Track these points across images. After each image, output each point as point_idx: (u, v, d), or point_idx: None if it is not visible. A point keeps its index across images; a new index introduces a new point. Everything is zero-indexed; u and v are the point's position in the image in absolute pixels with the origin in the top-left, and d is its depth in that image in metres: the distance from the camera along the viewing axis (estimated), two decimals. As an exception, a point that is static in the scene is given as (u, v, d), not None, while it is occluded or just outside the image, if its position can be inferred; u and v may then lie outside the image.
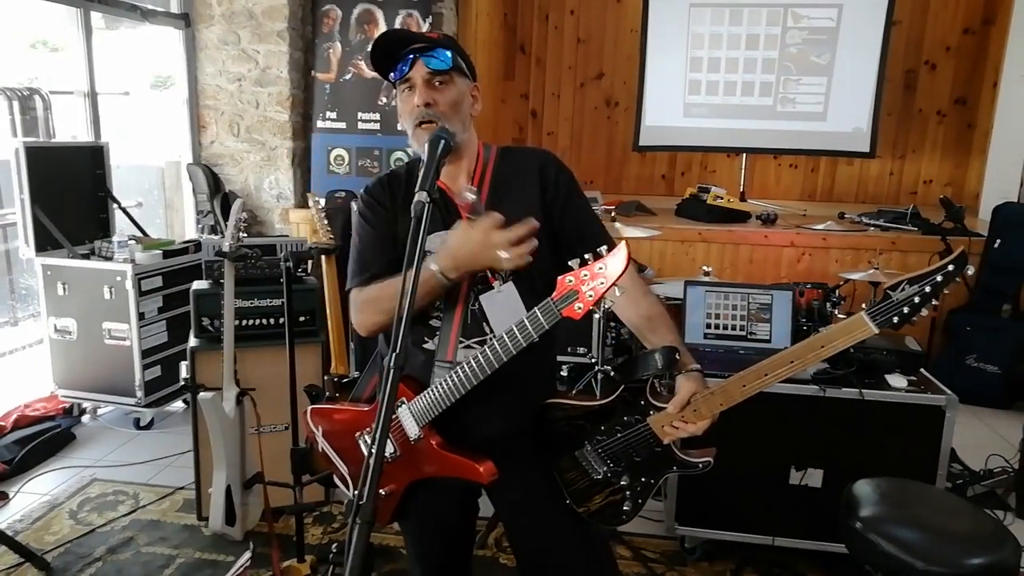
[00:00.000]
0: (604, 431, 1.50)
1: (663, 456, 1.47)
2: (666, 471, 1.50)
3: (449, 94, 1.49)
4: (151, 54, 4.89)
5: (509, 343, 1.35)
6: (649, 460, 1.49)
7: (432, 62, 1.47)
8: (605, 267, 1.24)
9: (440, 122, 1.46)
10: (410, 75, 1.48)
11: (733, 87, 5.25)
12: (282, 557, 2.51)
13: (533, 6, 5.95)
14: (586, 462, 1.53)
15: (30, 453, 3.32)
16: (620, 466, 1.51)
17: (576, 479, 1.55)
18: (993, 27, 5.30)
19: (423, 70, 1.48)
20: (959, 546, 1.75)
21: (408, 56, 1.48)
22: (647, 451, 1.47)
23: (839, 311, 3.17)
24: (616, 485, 1.52)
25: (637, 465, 1.50)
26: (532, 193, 1.55)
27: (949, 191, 5.29)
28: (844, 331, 1.29)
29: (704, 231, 4.57)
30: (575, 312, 1.27)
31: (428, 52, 1.48)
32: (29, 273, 4.06)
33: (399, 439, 1.49)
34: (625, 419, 1.48)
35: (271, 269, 2.87)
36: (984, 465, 3.21)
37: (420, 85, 1.48)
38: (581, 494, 1.56)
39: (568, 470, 1.55)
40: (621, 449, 1.49)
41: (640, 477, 1.51)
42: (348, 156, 4.70)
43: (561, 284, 1.27)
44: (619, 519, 1.54)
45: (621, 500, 1.52)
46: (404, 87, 1.51)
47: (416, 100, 1.47)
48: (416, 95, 1.48)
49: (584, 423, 1.52)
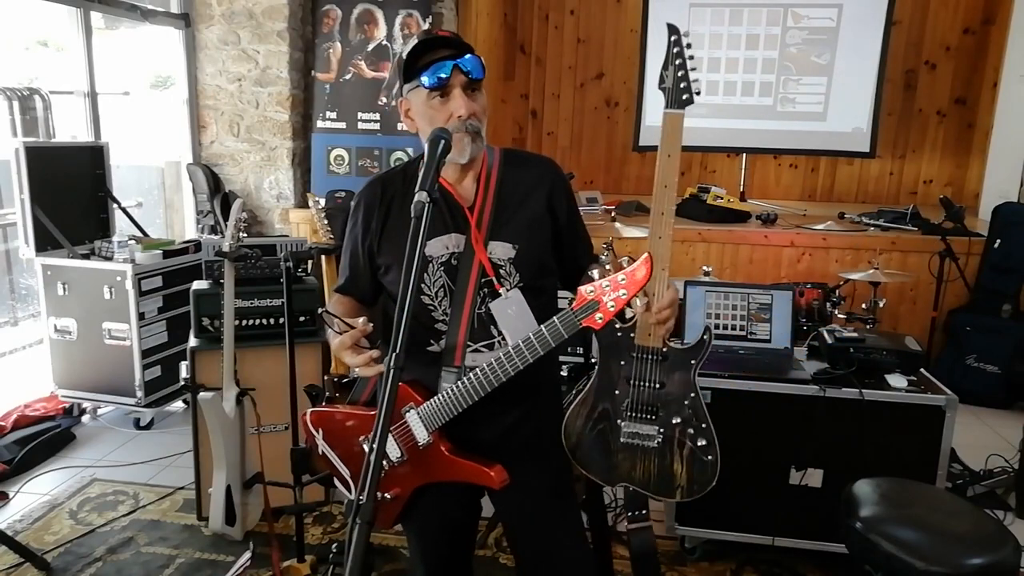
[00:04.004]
0: (619, 397, 1.48)
1: (673, 363, 1.46)
2: (689, 380, 1.47)
3: (481, 102, 1.50)
4: (151, 54, 4.89)
5: (526, 352, 1.36)
6: (670, 379, 1.47)
7: (472, 71, 1.46)
8: (626, 278, 1.24)
9: (479, 130, 1.48)
10: (449, 83, 1.46)
11: (733, 87, 5.25)
12: (282, 557, 2.51)
13: (533, 6, 5.95)
14: (635, 439, 1.50)
15: (30, 453, 3.32)
16: (658, 411, 1.48)
17: (646, 468, 1.50)
18: (993, 27, 5.30)
19: (461, 79, 1.46)
20: (959, 546, 1.75)
21: (444, 63, 1.45)
22: (661, 372, 1.46)
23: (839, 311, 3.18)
24: (674, 435, 1.48)
25: (668, 397, 1.48)
26: (539, 201, 1.57)
27: (949, 191, 5.29)
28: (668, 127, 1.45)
29: (704, 231, 4.57)
30: (596, 322, 1.28)
31: (460, 58, 1.45)
32: (29, 273, 4.06)
33: (407, 444, 1.48)
34: (623, 364, 1.47)
35: (271, 269, 2.87)
36: (984, 465, 3.21)
37: (461, 94, 1.46)
38: (662, 480, 1.50)
39: (632, 469, 1.51)
40: (645, 394, 1.47)
41: (683, 404, 1.47)
42: (348, 156, 4.70)
43: (581, 295, 1.28)
44: (712, 471, 1.49)
45: (693, 450, 1.47)
46: (436, 93, 1.46)
47: (461, 111, 1.45)
48: (457, 104, 1.45)
49: (600, 406, 1.50)
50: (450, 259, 1.52)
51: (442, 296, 1.52)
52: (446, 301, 1.52)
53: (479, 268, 1.50)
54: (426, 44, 1.47)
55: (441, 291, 1.52)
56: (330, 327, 1.44)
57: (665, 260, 1.49)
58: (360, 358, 1.42)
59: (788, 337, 2.68)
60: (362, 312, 1.60)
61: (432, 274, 1.51)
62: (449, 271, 1.52)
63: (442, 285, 1.52)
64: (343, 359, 1.44)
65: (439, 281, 1.52)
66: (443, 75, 1.44)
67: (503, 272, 1.51)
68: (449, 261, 1.52)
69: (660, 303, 1.44)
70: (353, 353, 1.42)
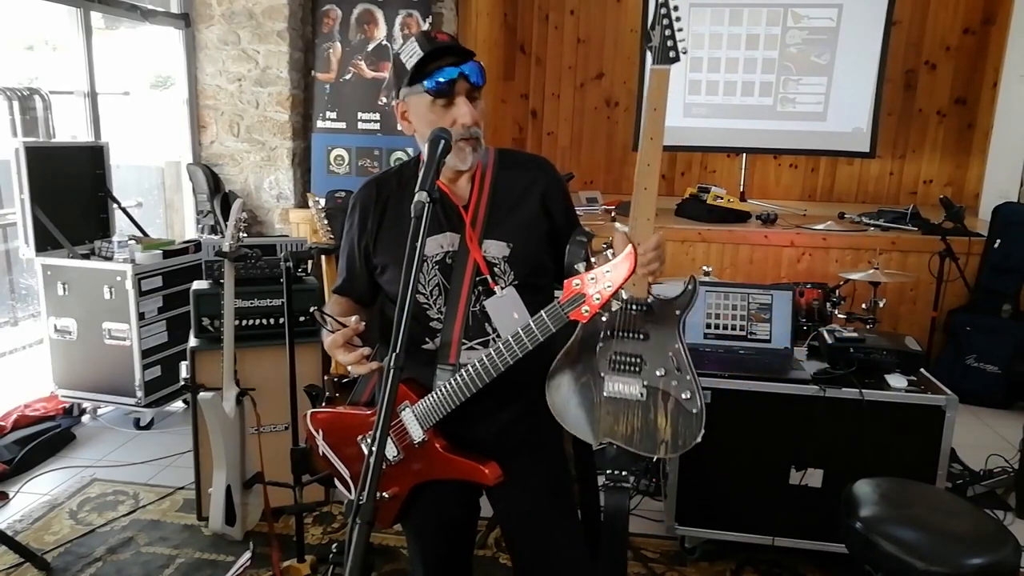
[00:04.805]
0: (603, 349, 1.46)
1: (658, 314, 1.44)
2: (675, 331, 1.45)
3: (481, 108, 1.51)
4: (151, 54, 4.89)
5: (515, 346, 1.37)
6: (654, 330, 1.45)
7: (475, 78, 1.46)
8: (612, 270, 1.24)
9: (479, 136, 1.49)
10: (454, 89, 1.45)
11: (733, 87, 5.25)
12: (282, 557, 2.51)
13: (533, 6, 5.95)
14: (619, 393, 1.47)
15: (30, 453, 3.32)
16: (642, 363, 1.45)
17: (630, 423, 1.47)
18: (993, 27, 5.30)
19: (465, 86, 1.46)
20: (959, 546, 1.75)
21: (450, 69, 1.44)
22: (646, 323, 1.43)
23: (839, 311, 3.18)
24: (658, 388, 1.45)
25: (652, 349, 1.45)
26: (534, 200, 1.57)
27: (949, 191, 5.29)
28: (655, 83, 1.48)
29: (704, 231, 4.57)
30: (582, 315, 1.28)
31: (462, 65, 1.45)
32: (29, 273, 4.06)
33: (403, 442, 1.49)
34: (606, 316, 1.45)
35: (271, 269, 2.87)
36: (984, 465, 3.21)
37: (465, 102, 1.46)
38: (646, 435, 1.46)
39: (615, 423, 1.47)
40: (629, 346, 1.45)
41: (667, 356, 1.44)
42: (348, 156, 4.70)
43: (567, 287, 1.28)
44: (698, 424, 1.44)
45: (678, 403, 1.44)
46: (440, 100, 1.46)
47: (467, 119, 1.46)
48: (462, 112, 1.46)
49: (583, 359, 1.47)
50: (445, 258, 1.53)
51: (437, 295, 1.53)
52: (441, 299, 1.52)
53: (473, 267, 1.51)
54: (432, 53, 1.46)
55: (436, 289, 1.53)
56: (323, 326, 1.45)
57: (650, 212, 1.49)
58: (352, 356, 1.43)
59: (788, 337, 2.68)
60: (360, 313, 1.61)
61: (427, 273, 1.52)
62: (444, 270, 1.52)
63: (437, 284, 1.52)
64: (335, 357, 1.45)
65: (434, 280, 1.53)
66: (448, 81, 1.44)
67: (497, 270, 1.52)
68: (444, 260, 1.53)
69: (645, 246, 1.42)
70: (345, 351, 1.43)
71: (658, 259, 1.43)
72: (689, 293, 1.47)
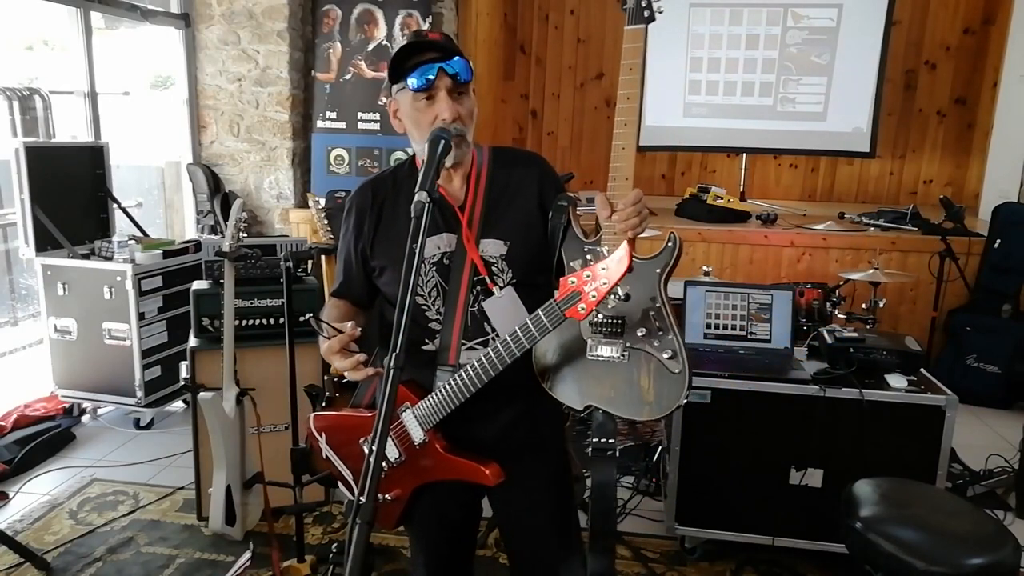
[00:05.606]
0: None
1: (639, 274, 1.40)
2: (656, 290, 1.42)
3: (468, 105, 1.49)
4: (151, 54, 4.89)
5: (513, 346, 1.36)
6: (636, 290, 1.41)
7: (459, 74, 1.45)
8: (607, 267, 1.24)
9: (464, 134, 1.47)
10: (435, 85, 1.45)
11: (733, 87, 5.25)
12: (282, 557, 2.51)
13: (533, 6, 5.95)
14: (602, 355, 1.43)
15: (30, 453, 3.32)
16: (624, 324, 1.42)
17: (613, 385, 1.43)
18: (993, 27, 5.30)
19: (447, 81, 1.45)
20: (959, 546, 1.75)
21: (430, 66, 1.44)
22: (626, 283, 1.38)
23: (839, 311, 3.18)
24: (641, 348, 1.41)
25: (633, 309, 1.42)
26: (530, 198, 1.56)
27: (949, 191, 5.29)
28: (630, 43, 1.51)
29: (704, 231, 4.57)
30: (578, 313, 1.27)
31: (446, 61, 1.45)
32: (29, 273, 4.06)
33: (404, 444, 1.49)
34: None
35: (271, 269, 2.87)
36: (984, 465, 3.21)
37: (445, 98, 1.45)
38: (630, 397, 1.42)
39: (599, 387, 1.44)
40: (611, 307, 1.42)
41: (648, 315, 1.41)
42: (348, 156, 4.70)
43: (563, 285, 1.27)
44: (680, 385, 1.40)
45: (660, 363, 1.40)
46: (423, 96, 1.46)
47: (445, 114, 1.44)
48: (442, 107, 1.45)
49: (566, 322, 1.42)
50: (442, 259, 1.52)
51: (435, 296, 1.52)
52: (439, 301, 1.52)
53: (471, 267, 1.50)
54: (412, 46, 1.46)
55: (434, 291, 1.52)
56: (319, 332, 1.45)
57: (628, 171, 1.47)
58: (348, 362, 1.41)
59: (788, 337, 2.68)
60: (358, 316, 1.61)
61: (425, 274, 1.52)
62: (441, 271, 1.52)
63: (435, 285, 1.52)
64: (332, 363, 1.44)
65: (432, 281, 1.52)
66: (429, 77, 1.43)
67: (495, 269, 1.51)
68: (441, 261, 1.52)
69: (624, 201, 1.38)
70: (341, 357, 1.42)
71: (638, 214, 1.38)
72: (670, 250, 1.42)
